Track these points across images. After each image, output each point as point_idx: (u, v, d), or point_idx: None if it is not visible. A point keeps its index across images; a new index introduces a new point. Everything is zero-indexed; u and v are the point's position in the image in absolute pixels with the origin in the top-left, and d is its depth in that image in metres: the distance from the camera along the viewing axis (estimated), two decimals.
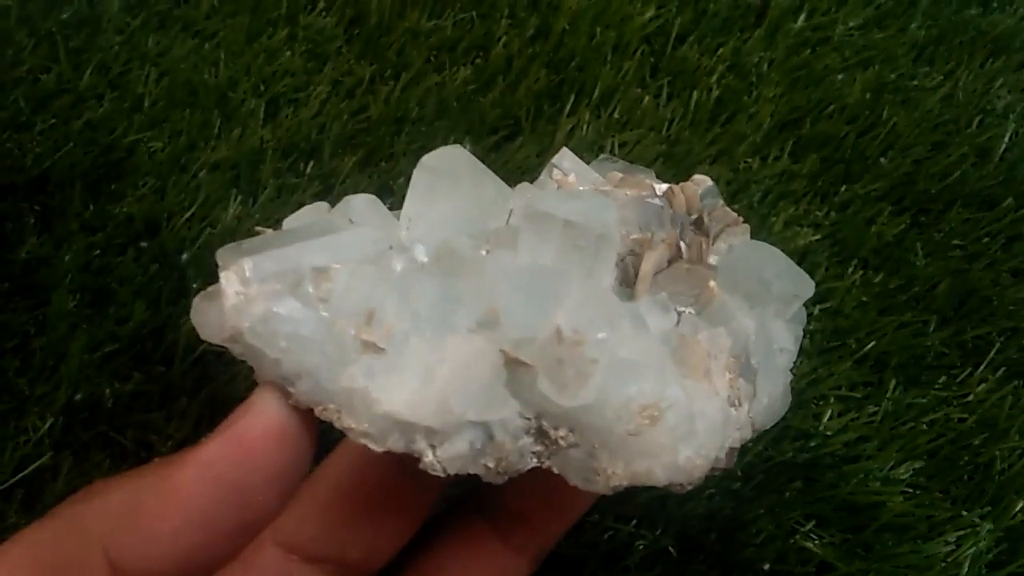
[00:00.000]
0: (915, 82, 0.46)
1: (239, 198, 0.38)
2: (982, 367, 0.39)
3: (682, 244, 0.24)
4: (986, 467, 0.36)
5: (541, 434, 0.20)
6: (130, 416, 0.33)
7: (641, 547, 0.33)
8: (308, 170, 0.40)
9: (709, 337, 0.22)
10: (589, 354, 0.19)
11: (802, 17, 0.47)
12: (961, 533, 0.35)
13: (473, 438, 0.20)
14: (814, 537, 0.34)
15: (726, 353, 0.22)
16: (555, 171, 0.27)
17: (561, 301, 0.20)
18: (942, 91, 0.46)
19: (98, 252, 0.36)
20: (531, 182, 0.27)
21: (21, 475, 0.32)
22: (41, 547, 0.20)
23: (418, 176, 0.24)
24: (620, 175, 0.26)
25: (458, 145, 0.25)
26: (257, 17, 0.43)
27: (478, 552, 0.27)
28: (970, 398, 0.38)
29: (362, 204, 0.24)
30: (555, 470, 0.21)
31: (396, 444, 0.20)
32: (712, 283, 0.23)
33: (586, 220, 0.22)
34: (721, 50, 0.46)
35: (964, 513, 0.35)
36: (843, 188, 0.43)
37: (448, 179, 0.24)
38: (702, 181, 0.27)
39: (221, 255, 0.21)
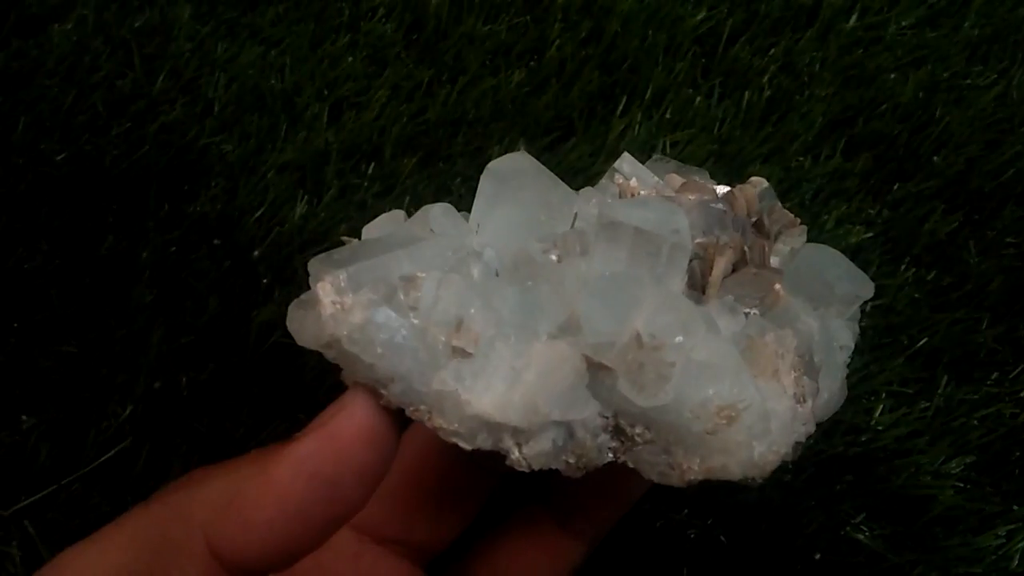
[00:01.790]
0: (968, 81, 0.46)
1: (305, 198, 0.40)
2: None
3: (745, 247, 0.25)
4: None
5: (618, 432, 0.21)
6: (205, 404, 0.35)
7: (692, 535, 0.34)
8: (370, 171, 0.41)
9: (776, 338, 0.22)
10: (667, 357, 0.20)
11: (854, 17, 0.47)
12: (1011, 527, 0.35)
13: (556, 436, 0.21)
14: (865, 529, 0.35)
15: (792, 352, 0.22)
16: (616, 175, 0.28)
17: (639, 307, 0.21)
18: (996, 90, 0.46)
19: (174, 249, 0.38)
20: (587, 183, 0.28)
21: (103, 458, 0.33)
22: (145, 530, 0.22)
23: (485, 181, 0.24)
24: (680, 179, 0.27)
25: (523, 151, 0.26)
26: (320, 24, 0.44)
27: (537, 536, 0.29)
28: (1022, 394, 0.38)
29: (440, 213, 0.25)
30: (630, 465, 0.22)
31: (484, 443, 0.21)
32: (778, 286, 0.24)
33: (657, 228, 0.22)
34: (773, 50, 0.46)
35: (1015, 508, 0.36)
36: (895, 186, 0.43)
37: (514, 184, 0.24)
38: (759, 182, 0.28)
39: (313, 266, 0.22)
